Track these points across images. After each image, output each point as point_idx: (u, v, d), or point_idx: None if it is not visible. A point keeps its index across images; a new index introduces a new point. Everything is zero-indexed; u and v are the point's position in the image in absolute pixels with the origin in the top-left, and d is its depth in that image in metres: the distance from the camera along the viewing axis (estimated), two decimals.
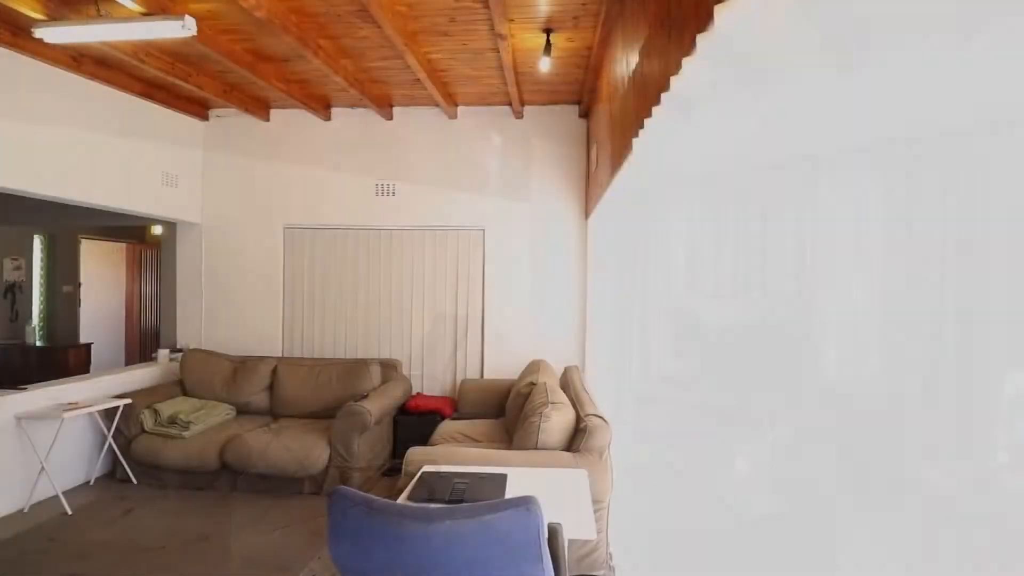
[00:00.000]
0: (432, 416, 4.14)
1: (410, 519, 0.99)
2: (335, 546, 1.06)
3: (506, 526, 1.00)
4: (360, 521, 1.01)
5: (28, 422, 3.22)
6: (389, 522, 1.00)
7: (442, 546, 0.98)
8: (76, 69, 3.63)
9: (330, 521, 1.07)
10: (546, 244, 4.59)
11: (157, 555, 2.70)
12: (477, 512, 1.01)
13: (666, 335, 1.99)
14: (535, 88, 4.18)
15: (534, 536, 1.01)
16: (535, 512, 1.02)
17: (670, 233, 1.87)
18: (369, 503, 1.02)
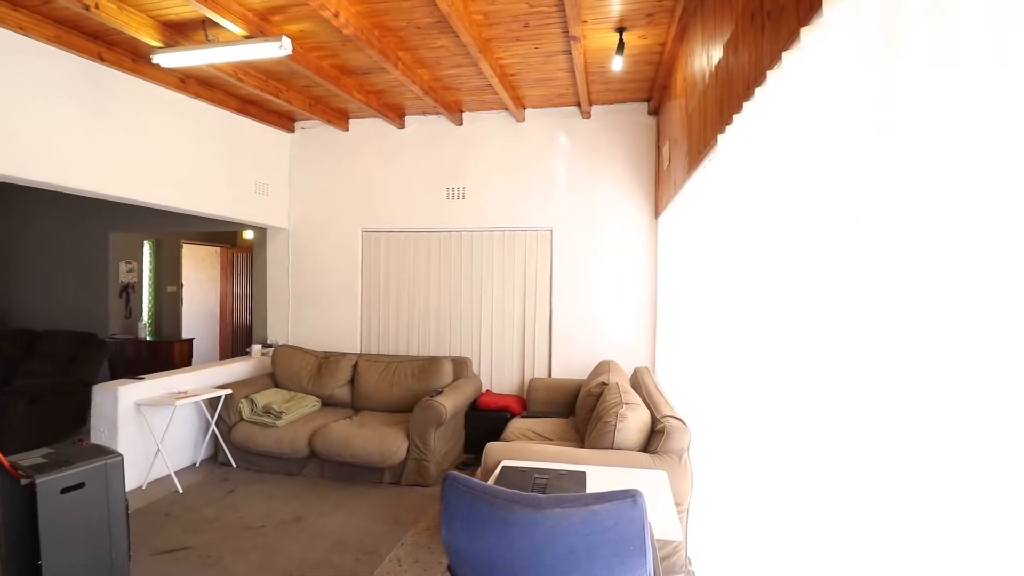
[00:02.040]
0: (501, 413, 4.22)
1: (520, 505, 1.04)
2: (447, 528, 1.13)
3: (612, 518, 1.03)
4: (472, 505, 1.07)
5: (146, 408, 3.60)
6: (499, 507, 1.05)
7: (548, 533, 1.02)
8: (183, 89, 4.02)
9: (443, 504, 1.14)
10: (614, 244, 4.56)
11: (257, 533, 2.94)
12: (584, 502, 1.05)
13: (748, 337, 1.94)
14: (604, 87, 4.17)
15: (639, 529, 1.03)
16: (641, 505, 1.04)
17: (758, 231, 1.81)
18: (482, 488, 1.08)
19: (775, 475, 1.59)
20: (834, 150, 1.13)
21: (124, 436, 3.44)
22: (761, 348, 1.78)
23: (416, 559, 2.67)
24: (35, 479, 1.97)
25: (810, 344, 1.35)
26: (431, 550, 2.77)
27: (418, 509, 3.26)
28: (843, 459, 1.14)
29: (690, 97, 2.87)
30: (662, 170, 4.12)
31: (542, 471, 2.10)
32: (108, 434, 3.42)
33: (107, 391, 3.45)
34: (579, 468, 2.20)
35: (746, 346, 1.96)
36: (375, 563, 2.63)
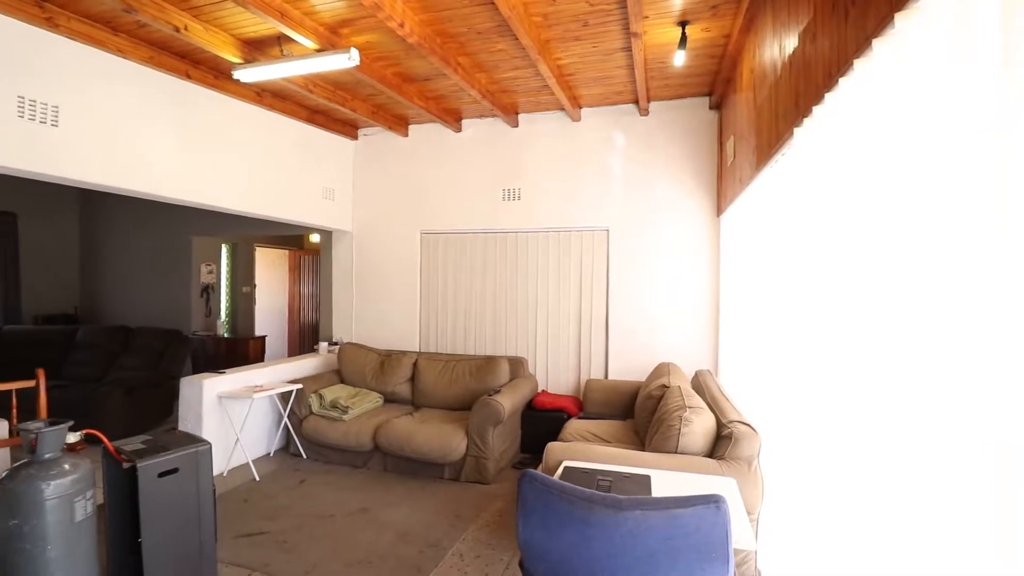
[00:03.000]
0: (557, 414, 4.22)
1: (600, 505, 1.04)
2: (524, 526, 1.15)
3: (695, 522, 1.01)
4: (549, 503, 1.09)
5: (227, 400, 3.86)
6: (578, 506, 1.06)
7: (629, 535, 1.02)
8: (259, 102, 4.28)
9: (520, 500, 1.16)
10: (673, 243, 4.45)
11: (328, 522, 3.09)
12: (666, 505, 1.04)
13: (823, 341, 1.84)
14: (663, 83, 4.08)
15: (722, 535, 1.00)
16: (724, 511, 1.02)
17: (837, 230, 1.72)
18: (560, 486, 1.09)
19: (853, 486, 1.51)
20: (932, 147, 1.06)
21: (208, 426, 3.70)
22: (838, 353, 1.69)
23: (478, 555, 2.72)
24: (136, 463, 2.16)
25: (893, 349, 1.27)
26: (492, 547, 2.81)
27: (478, 506, 3.32)
28: (929, 470, 1.06)
29: (759, 89, 2.76)
30: (725, 166, 3.99)
31: (605, 473, 2.08)
32: (194, 423, 3.70)
33: (193, 384, 3.73)
34: (643, 471, 2.17)
35: (821, 351, 1.87)
36: (438, 556, 2.70)
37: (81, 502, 2.03)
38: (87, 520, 2.06)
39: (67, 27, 2.95)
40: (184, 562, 2.30)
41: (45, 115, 2.91)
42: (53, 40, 2.96)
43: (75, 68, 3.07)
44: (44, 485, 1.94)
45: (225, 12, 2.96)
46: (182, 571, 2.29)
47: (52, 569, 1.96)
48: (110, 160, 3.26)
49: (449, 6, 2.88)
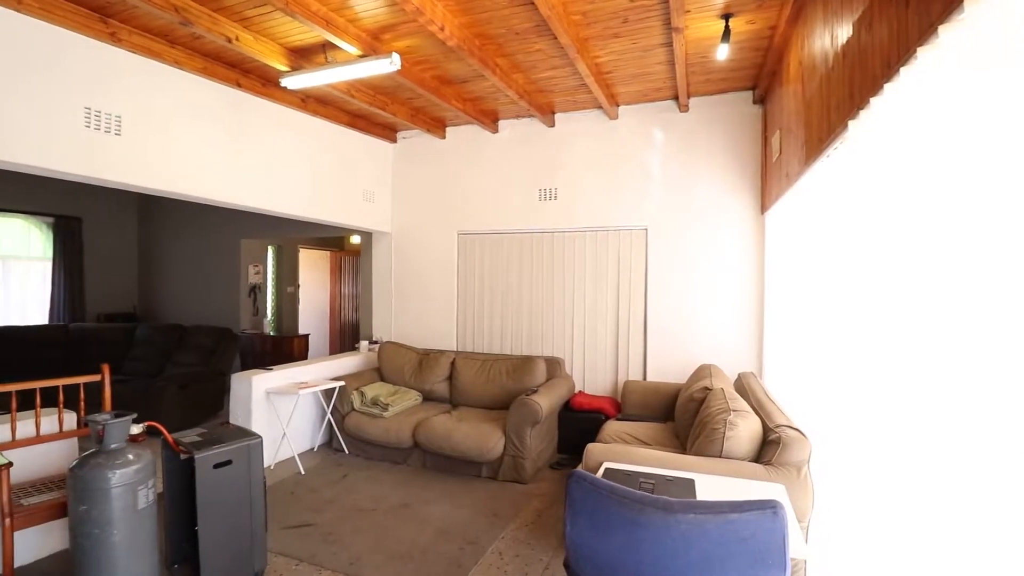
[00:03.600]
0: (594, 415, 4.18)
1: (651, 507, 1.03)
2: (572, 526, 1.14)
3: (751, 528, 0.98)
4: (598, 503, 1.08)
5: (274, 396, 4.00)
6: (628, 508, 1.05)
7: (681, 538, 1.00)
8: (303, 108, 4.42)
9: (568, 500, 1.16)
10: (714, 241, 4.34)
11: (370, 515, 3.16)
12: (720, 509, 1.01)
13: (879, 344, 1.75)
14: (704, 78, 3.99)
15: (779, 542, 0.97)
16: (782, 517, 0.99)
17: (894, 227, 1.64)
18: (609, 487, 1.09)
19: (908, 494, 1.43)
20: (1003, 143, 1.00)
21: (256, 420, 3.85)
22: (893, 357, 1.61)
23: (517, 554, 2.73)
24: (194, 454, 2.27)
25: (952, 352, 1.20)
26: (531, 546, 2.81)
27: (516, 505, 3.33)
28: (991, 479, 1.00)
29: (807, 82, 2.65)
30: (770, 162, 3.86)
31: (647, 476, 2.05)
32: (243, 418, 3.85)
33: (243, 380, 3.89)
34: (686, 475, 2.12)
35: (875, 354, 1.78)
36: (478, 554, 2.72)
37: (143, 490, 2.14)
38: (148, 508, 2.18)
39: (128, 41, 3.13)
40: (237, 550, 2.40)
41: (109, 125, 3.09)
42: (116, 53, 3.14)
43: (136, 79, 3.25)
44: (110, 474, 2.06)
45: (274, 22, 3.07)
46: (235, 559, 2.39)
47: (117, 553, 2.08)
48: (167, 166, 3.43)
49: (488, 8, 2.90)
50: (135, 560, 2.11)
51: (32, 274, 6.46)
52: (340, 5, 2.86)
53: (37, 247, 6.50)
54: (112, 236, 7.31)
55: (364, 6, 2.88)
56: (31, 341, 5.66)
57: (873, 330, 1.82)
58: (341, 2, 2.83)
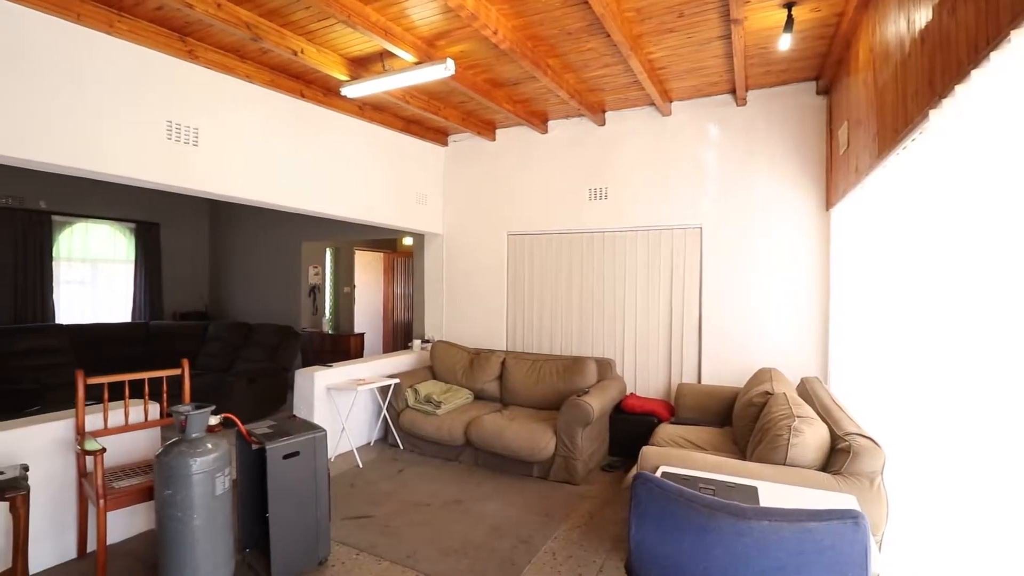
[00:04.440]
0: (647, 417, 4.11)
1: (722, 512, 1.01)
2: (637, 528, 1.14)
3: (830, 538, 0.95)
4: (665, 506, 1.07)
5: (334, 392, 4.18)
6: (697, 512, 1.03)
7: (754, 545, 0.97)
8: (360, 115, 4.59)
9: (633, 501, 1.15)
10: (774, 239, 4.16)
11: (425, 510, 3.25)
12: (797, 517, 0.98)
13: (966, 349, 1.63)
14: (764, 70, 3.83)
15: (861, 554, 0.93)
16: (864, 528, 0.94)
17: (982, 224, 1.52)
18: (678, 490, 1.07)
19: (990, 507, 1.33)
20: None
21: (318, 414, 4.03)
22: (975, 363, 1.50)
23: (570, 555, 2.73)
24: (265, 445, 2.41)
25: None
26: (583, 548, 2.80)
27: (568, 505, 3.32)
28: None
29: (879, 70, 2.51)
30: (836, 156, 3.67)
31: (707, 481, 2.00)
32: (306, 411, 4.04)
33: (306, 375, 4.08)
34: (748, 482, 2.05)
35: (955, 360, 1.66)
36: (531, 552, 2.74)
37: (221, 478, 2.29)
38: (225, 494, 2.33)
39: (205, 57, 3.35)
40: (304, 537, 2.52)
41: (188, 136, 3.32)
42: (193, 70, 3.38)
43: (211, 93, 3.47)
44: (192, 461, 2.21)
45: (335, 34, 3.21)
46: (302, 545, 2.52)
47: (197, 536, 2.24)
48: (238, 174, 3.65)
49: (540, 9, 2.91)
50: (213, 543, 2.26)
51: (117, 276, 7.04)
52: (398, 15, 2.96)
53: (121, 251, 7.07)
54: (186, 240, 7.85)
55: (420, 14, 2.96)
56: (116, 337, 6.16)
57: (952, 335, 1.70)
58: (399, 11, 2.92)
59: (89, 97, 2.88)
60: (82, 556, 2.74)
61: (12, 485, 2.17)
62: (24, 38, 2.64)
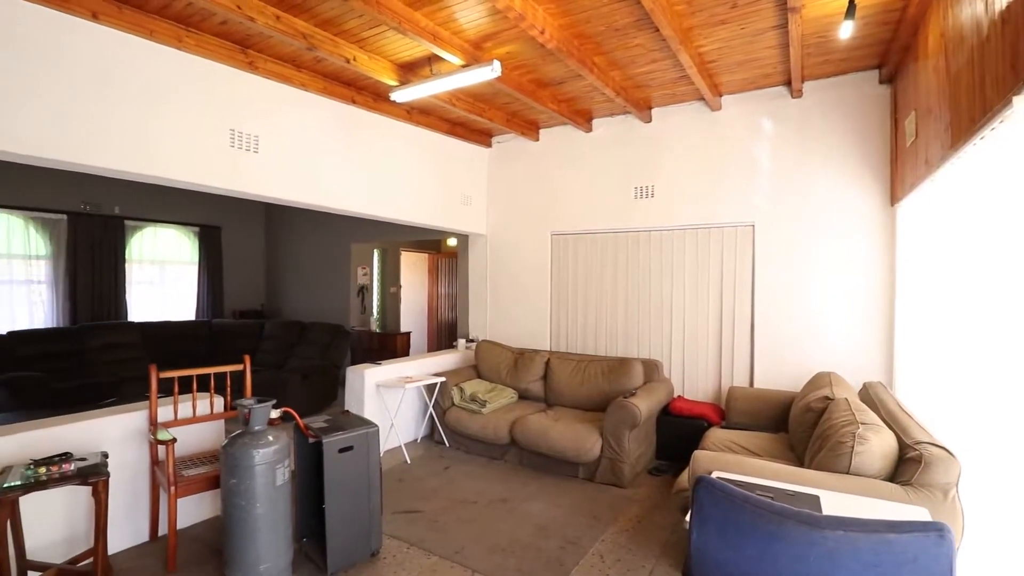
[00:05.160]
0: (696, 421, 4.01)
1: (792, 520, 0.97)
2: (698, 533, 1.11)
3: (911, 551, 0.90)
4: (729, 512, 1.04)
5: (383, 389, 4.29)
6: (765, 519, 1.00)
7: (827, 556, 0.93)
8: (408, 119, 4.69)
9: (695, 506, 1.13)
10: (832, 236, 3.97)
11: (472, 507, 3.29)
12: (874, 528, 0.93)
13: None
14: (822, 60, 3.66)
15: (945, 569, 0.87)
16: (949, 542, 0.89)
17: None
18: (743, 496, 1.04)
19: None
20: None
21: (368, 410, 4.14)
22: None
23: (618, 558, 2.69)
24: (322, 439, 2.50)
25: None
26: (632, 551, 2.76)
27: (615, 508, 3.28)
28: None
29: (952, 55, 2.35)
30: (902, 148, 3.46)
31: (765, 488, 1.93)
32: (356, 407, 4.17)
33: (357, 372, 4.21)
34: (809, 491, 1.97)
35: None
36: (578, 554, 2.72)
37: (281, 469, 2.40)
38: (284, 485, 2.43)
39: (264, 68, 3.52)
40: (357, 529, 2.60)
41: (249, 144, 3.50)
42: (254, 80, 3.55)
43: (269, 102, 3.64)
44: (255, 452, 2.32)
45: (385, 40, 3.29)
46: (356, 536, 2.60)
47: (259, 524, 2.35)
48: (294, 179, 3.81)
49: (588, 7, 2.89)
50: (274, 531, 2.37)
51: (182, 276, 7.48)
52: (446, 19, 3.01)
53: (186, 253, 7.51)
54: (244, 242, 8.26)
55: (468, 17, 3.00)
56: (182, 334, 6.55)
57: None
58: (447, 16, 2.97)
59: (161, 109, 3.08)
60: (154, 539, 2.92)
61: (94, 471, 2.34)
62: (105, 57, 2.85)
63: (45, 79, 2.63)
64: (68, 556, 2.56)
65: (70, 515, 2.63)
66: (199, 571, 2.59)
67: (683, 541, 2.84)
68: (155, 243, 7.17)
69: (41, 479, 2.21)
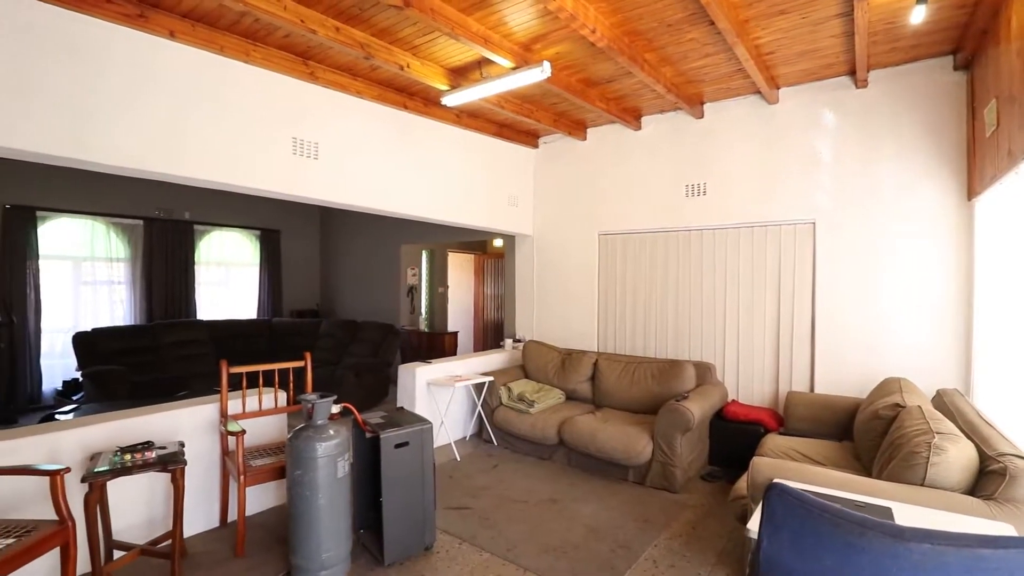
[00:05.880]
0: (752, 427, 3.87)
1: (874, 531, 0.93)
2: (769, 541, 1.08)
3: (1008, 568, 0.84)
4: (804, 520, 1.01)
5: (433, 387, 4.38)
6: (845, 529, 0.96)
7: (911, 570, 0.89)
8: (457, 122, 4.77)
9: (767, 513, 1.10)
10: (902, 234, 3.74)
11: (521, 507, 3.31)
12: (965, 542, 0.88)
13: None
14: (890, 47, 3.47)
15: None
16: None
17: None
18: (821, 504, 1.01)
19: None
20: None
21: (419, 407, 4.25)
22: None
23: (672, 564, 2.64)
24: (379, 434, 2.59)
25: None
26: (687, 558, 2.70)
27: (667, 513, 3.22)
28: None
29: None
30: (980, 138, 3.22)
31: (831, 498, 1.85)
32: (408, 404, 4.28)
33: (408, 371, 4.32)
34: (880, 502, 1.87)
35: None
36: (631, 558, 2.69)
37: (341, 462, 2.49)
38: (345, 477, 2.52)
39: (323, 78, 3.67)
40: (412, 523, 2.67)
41: (310, 151, 3.66)
42: (314, 89, 3.71)
43: (328, 110, 3.80)
44: (318, 445, 2.43)
45: (437, 46, 3.37)
46: (411, 530, 2.67)
47: (321, 514, 2.45)
48: (350, 183, 3.96)
49: (640, 4, 2.85)
50: (335, 521, 2.47)
51: (245, 277, 7.89)
52: (497, 23, 3.05)
53: (248, 255, 7.92)
54: (301, 244, 8.64)
55: (518, 20, 3.03)
56: (245, 332, 6.92)
57: None
58: (498, 20, 3.01)
59: (230, 120, 3.27)
60: (223, 525, 3.10)
61: (173, 459, 2.52)
62: (181, 73, 3.06)
63: (130, 96, 2.85)
64: (148, 538, 2.76)
65: (150, 499, 2.83)
66: (265, 556, 2.74)
67: (740, 549, 2.76)
68: (221, 246, 7.61)
69: (127, 465, 2.40)
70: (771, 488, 1.11)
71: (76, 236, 6.27)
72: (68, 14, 2.63)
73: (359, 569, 2.60)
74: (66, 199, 6.09)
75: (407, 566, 2.63)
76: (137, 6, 2.80)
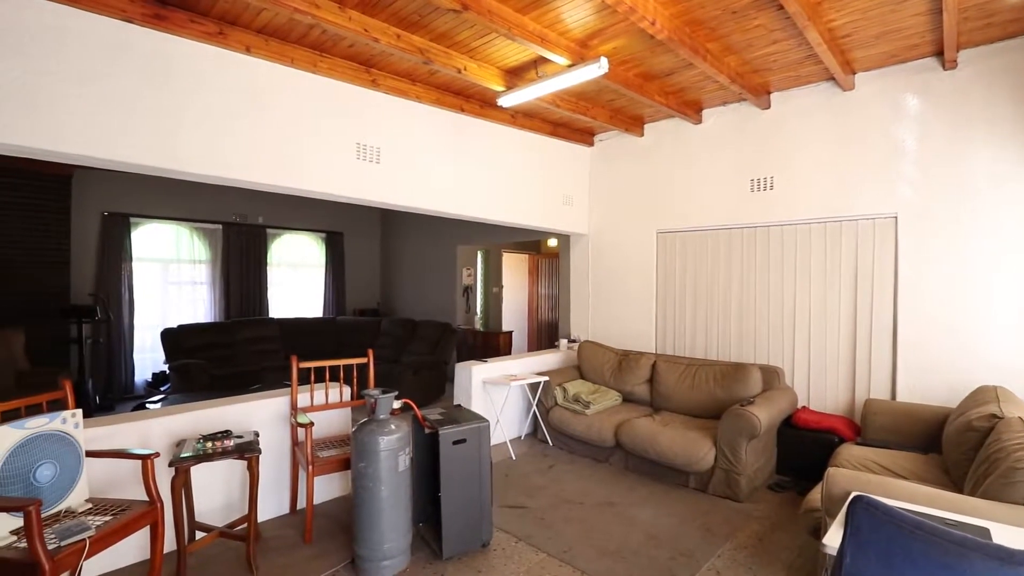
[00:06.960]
0: (824, 435, 3.64)
1: (977, 552, 0.85)
2: (854, 558, 1.01)
3: None
4: (894, 537, 0.94)
5: (488, 385, 4.42)
6: (941, 548, 0.88)
7: None
8: (511, 123, 4.79)
9: (852, 528, 1.03)
10: (997, 227, 3.39)
11: (577, 508, 3.27)
12: None
13: None
14: (983, 23, 3.15)
15: None
16: None
17: None
18: (915, 521, 0.93)
19: None
20: None
21: (475, 405, 4.30)
22: None
23: (737, 574, 2.53)
24: (438, 430, 2.64)
25: None
26: (753, 571, 2.57)
27: (731, 523, 3.09)
28: None
29: None
30: None
31: (919, 515, 1.70)
32: (464, 402, 4.34)
33: (465, 369, 4.39)
34: (975, 522, 1.70)
35: None
36: (693, 567, 2.60)
37: (402, 456, 2.56)
38: (405, 471, 2.60)
39: (384, 84, 3.80)
40: (470, 519, 2.71)
41: (372, 156, 3.79)
42: (376, 96, 3.84)
43: (389, 116, 3.92)
44: (381, 438, 2.51)
45: (494, 48, 3.40)
46: (468, 525, 2.71)
47: (384, 505, 2.53)
48: (410, 186, 4.07)
49: None
50: (397, 512, 2.54)
51: (311, 278, 8.30)
52: (553, 20, 3.03)
53: (314, 256, 8.32)
54: (363, 245, 8.98)
55: (575, 16, 3.00)
56: (311, 330, 7.27)
57: None
58: (555, 17, 3.00)
59: (300, 128, 3.44)
60: (292, 512, 3.27)
61: (249, 447, 2.68)
62: (256, 85, 3.25)
63: (210, 107, 3.06)
64: (226, 521, 2.95)
65: (227, 485, 3.03)
66: (331, 544, 2.86)
67: (811, 565, 2.60)
68: (290, 248, 8.04)
69: (208, 452, 2.58)
70: (856, 501, 1.03)
71: (164, 240, 6.83)
72: (159, 35, 2.86)
73: (419, 561, 2.66)
74: (155, 206, 6.64)
75: (465, 561, 2.67)
76: (216, 24, 3.01)
